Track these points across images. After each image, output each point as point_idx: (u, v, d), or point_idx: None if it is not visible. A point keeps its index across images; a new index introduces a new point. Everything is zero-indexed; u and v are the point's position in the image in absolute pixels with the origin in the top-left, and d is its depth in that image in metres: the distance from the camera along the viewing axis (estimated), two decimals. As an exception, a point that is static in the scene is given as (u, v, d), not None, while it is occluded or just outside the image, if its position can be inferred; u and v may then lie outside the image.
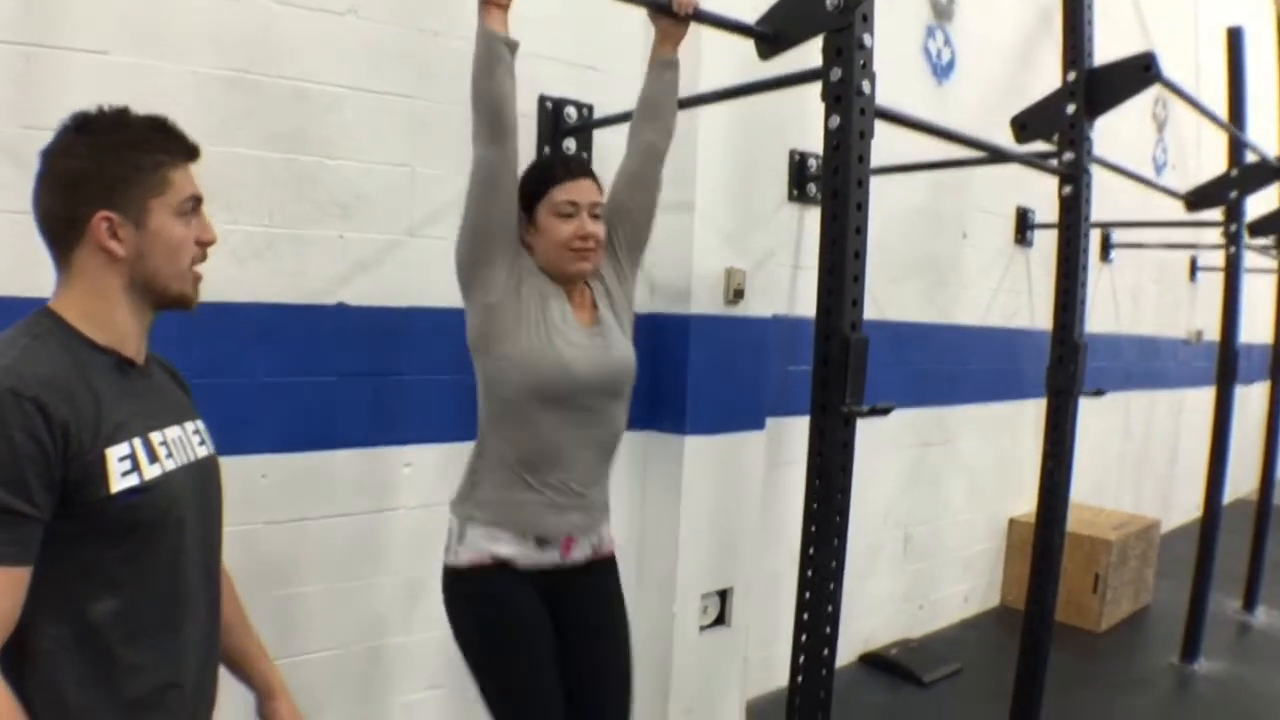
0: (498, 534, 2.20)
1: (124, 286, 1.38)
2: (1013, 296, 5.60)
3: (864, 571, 4.75)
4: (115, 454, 1.30)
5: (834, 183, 2.21)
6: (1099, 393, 3.36)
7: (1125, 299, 6.91)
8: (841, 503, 2.27)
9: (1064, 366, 3.27)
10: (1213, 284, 5.70)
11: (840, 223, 2.19)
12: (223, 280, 2.60)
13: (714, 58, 3.24)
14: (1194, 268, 7.82)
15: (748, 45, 2.49)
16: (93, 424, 1.28)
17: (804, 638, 2.34)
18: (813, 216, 3.85)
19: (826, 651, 2.33)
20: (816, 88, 2.25)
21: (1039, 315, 5.62)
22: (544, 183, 2.27)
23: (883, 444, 4.73)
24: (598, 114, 3.32)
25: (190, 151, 1.44)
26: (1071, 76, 3.21)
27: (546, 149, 3.23)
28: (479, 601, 2.23)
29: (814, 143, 2.27)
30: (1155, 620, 5.76)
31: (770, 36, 2.39)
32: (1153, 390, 7.53)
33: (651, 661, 3.70)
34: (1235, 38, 5.48)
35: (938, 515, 5.31)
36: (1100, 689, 4.64)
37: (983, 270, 5.35)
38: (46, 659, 1.27)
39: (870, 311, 4.35)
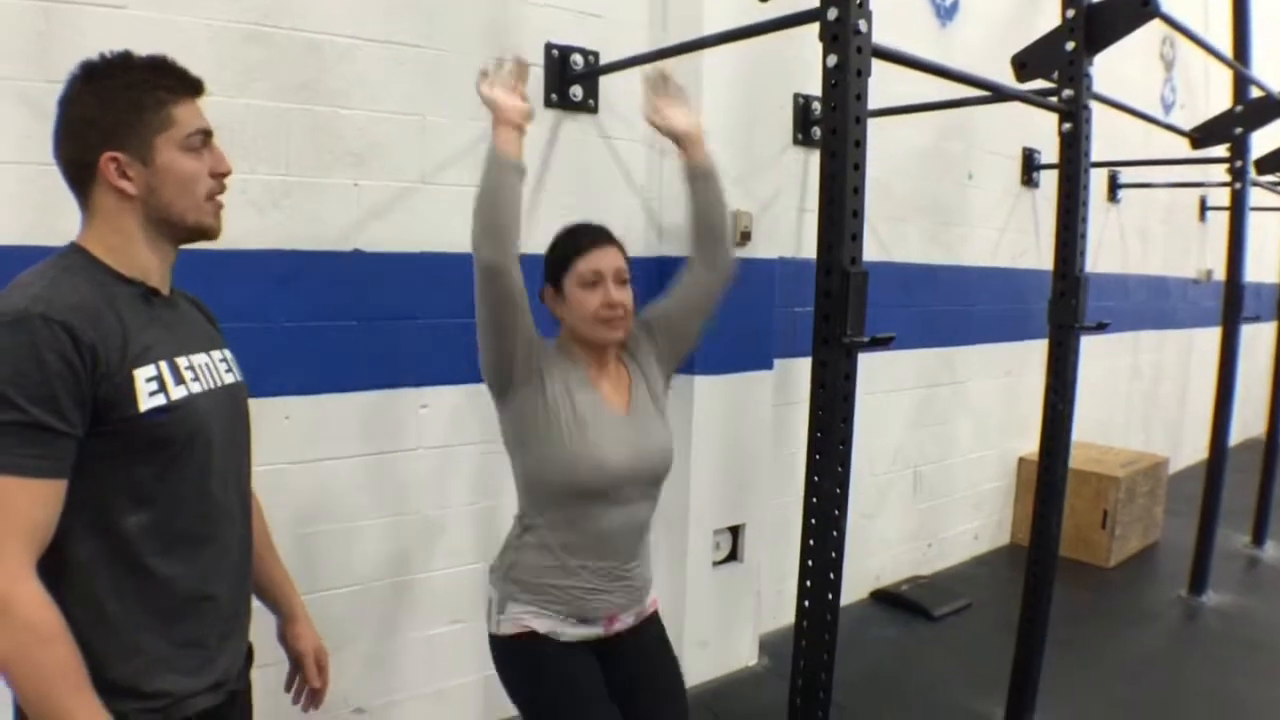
0: (540, 613, 2.18)
1: (140, 223, 1.46)
2: (1020, 237, 5.62)
3: (874, 511, 4.85)
4: (142, 375, 1.38)
5: (833, 120, 2.25)
6: (1101, 326, 3.40)
7: (1134, 239, 6.91)
8: (844, 431, 2.33)
9: (1065, 301, 3.32)
10: (1222, 224, 5.73)
11: (839, 159, 2.24)
12: (243, 229, 2.68)
13: (716, 1, 3.29)
14: (1203, 207, 7.79)
15: (749, -11, 2.54)
16: (120, 347, 1.36)
17: (810, 563, 2.41)
18: (817, 159, 3.90)
19: (833, 575, 2.40)
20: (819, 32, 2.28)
21: (1046, 256, 5.63)
22: (568, 254, 2.20)
23: (891, 384, 4.80)
24: (603, 60, 3.37)
25: (192, 87, 1.50)
26: (1070, 13, 3.22)
27: (554, 96, 3.30)
28: (526, 672, 2.21)
29: (818, 86, 2.30)
30: (1164, 556, 5.84)
31: (769, -22, 2.43)
32: (1162, 330, 7.56)
33: (666, 597, 3.78)
34: (1242, -27, 5.45)
35: (947, 455, 5.38)
36: (1109, 621, 4.73)
37: (989, 211, 5.38)
38: (84, 571, 1.36)
39: (877, 253, 4.44)
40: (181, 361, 1.48)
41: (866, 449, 4.33)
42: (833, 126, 2.25)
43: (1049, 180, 5.53)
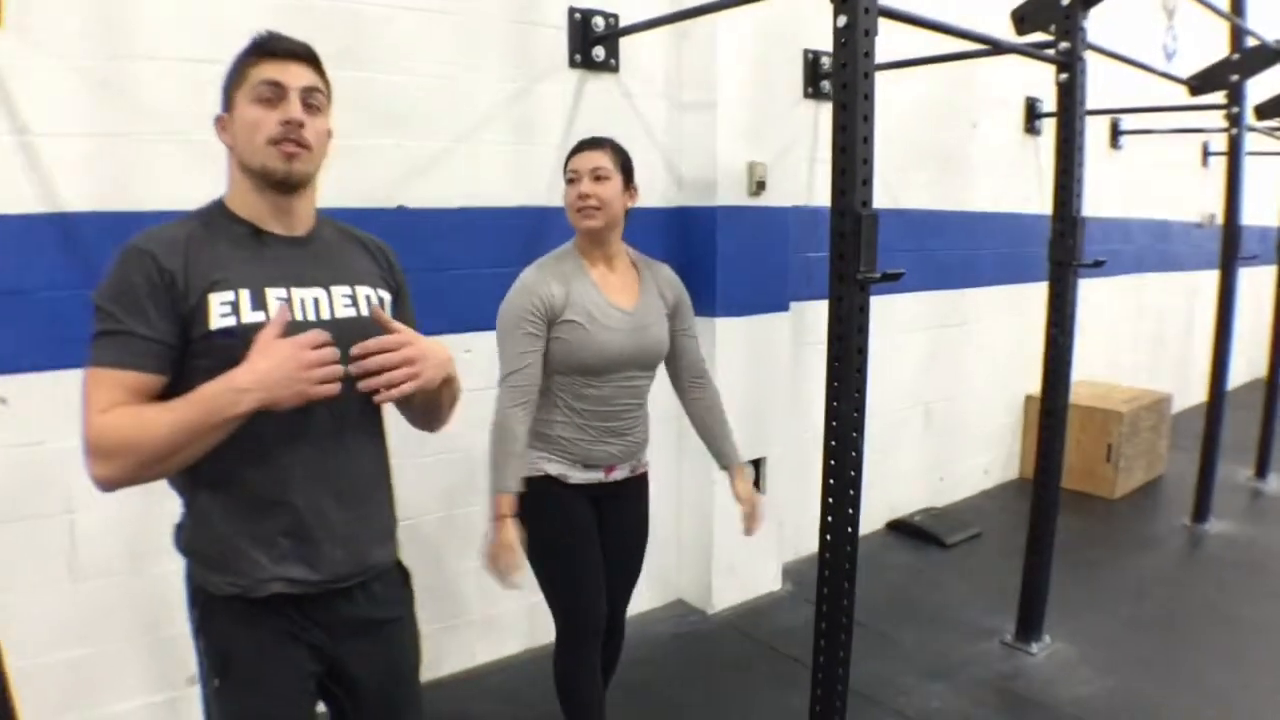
0: (551, 458, 2.57)
1: (241, 171, 1.68)
2: (1024, 183, 5.77)
3: (889, 446, 5.05)
4: (217, 299, 1.58)
5: (843, 76, 2.43)
6: (1098, 264, 3.59)
7: (1137, 184, 7.04)
8: (860, 360, 2.53)
9: (1064, 240, 3.51)
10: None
11: (850, 112, 2.42)
12: (296, 189, 2.88)
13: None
14: (1206, 153, 7.92)
15: (761, -48, 2.70)
16: (203, 274, 1.58)
17: (831, 482, 2.63)
18: (827, 112, 4.03)
19: (853, 492, 2.61)
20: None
21: (1050, 201, 5.80)
22: (566, 161, 2.59)
23: (904, 326, 5.00)
24: (623, 22, 3.56)
25: (263, 50, 1.66)
26: (1067, -33, 3.39)
27: (577, 57, 3.49)
28: (538, 509, 2.54)
29: (826, 42, 2.47)
30: (1169, 488, 6.05)
31: (781, -58, 2.59)
32: (1166, 273, 7.69)
33: (695, 526, 4.05)
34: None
35: (958, 393, 5.58)
36: (1114, 547, 4.95)
37: (995, 159, 5.53)
38: (192, 467, 1.58)
39: (886, 201, 4.60)
40: (273, 292, 1.64)
41: (881, 388, 4.48)
42: (843, 82, 2.43)
43: (1051, 128, 5.67)
